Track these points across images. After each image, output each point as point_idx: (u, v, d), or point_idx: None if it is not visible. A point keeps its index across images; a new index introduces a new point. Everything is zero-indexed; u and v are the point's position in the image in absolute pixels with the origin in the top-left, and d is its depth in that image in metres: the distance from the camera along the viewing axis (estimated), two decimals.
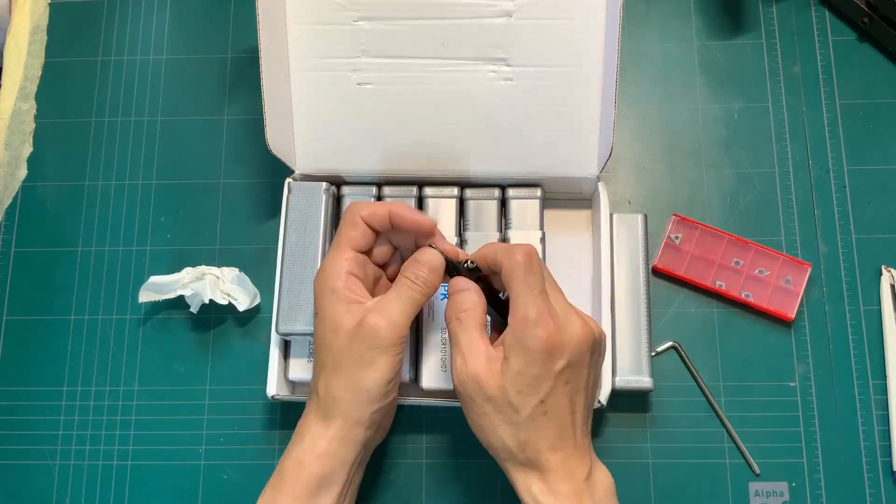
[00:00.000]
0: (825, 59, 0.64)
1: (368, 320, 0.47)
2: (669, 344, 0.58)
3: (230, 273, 0.59)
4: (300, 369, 0.56)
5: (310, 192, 0.56)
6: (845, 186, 0.61)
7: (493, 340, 0.48)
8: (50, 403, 0.60)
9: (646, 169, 0.62)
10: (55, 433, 0.59)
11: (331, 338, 0.47)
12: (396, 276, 0.49)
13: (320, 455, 0.47)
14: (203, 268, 0.59)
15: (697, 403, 0.57)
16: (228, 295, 0.58)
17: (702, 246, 0.59)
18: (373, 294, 0.50)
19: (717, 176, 0.62)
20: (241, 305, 0.58)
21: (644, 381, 0.55)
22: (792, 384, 0.58)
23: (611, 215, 0.58)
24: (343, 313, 0.47)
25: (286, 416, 0.59)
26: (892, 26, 0.61)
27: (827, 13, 0.65)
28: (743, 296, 0.58)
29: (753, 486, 0.56)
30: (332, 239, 0.55)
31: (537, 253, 0.47)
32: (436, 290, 0.49)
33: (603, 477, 0.47)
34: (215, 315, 0.61)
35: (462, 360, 0.46)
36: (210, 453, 0.58)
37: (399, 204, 0.50)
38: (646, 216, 0.59)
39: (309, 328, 0.53)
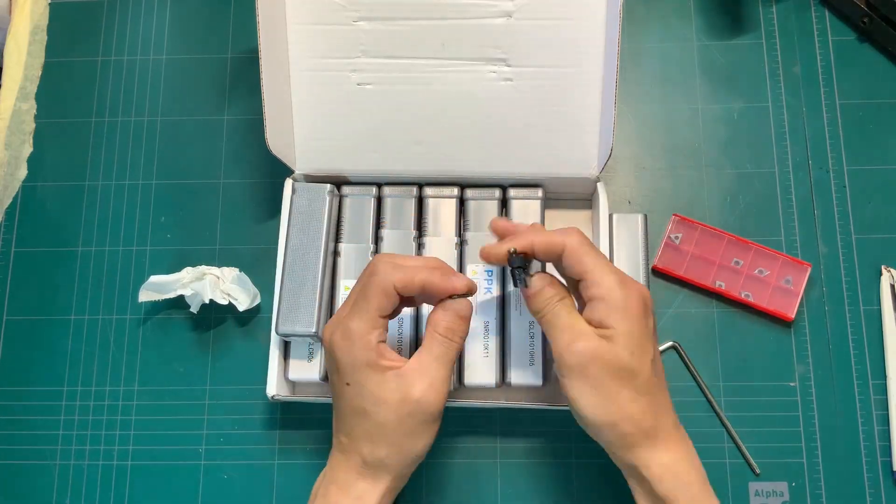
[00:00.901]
0: (825, 59, 0.64)
1: (416, 395, 0.46)
2: (669, 344, 0.58)
3: (230, 273, 0.59)
4: (300, 369, 0.56)
5: (313, 194, 0.56)
6: (845, 186, 0.61)
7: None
8: (50, 403, 0.60)
9: (646, 169, 0.62)
10: (55, 433, 0.59)
11: (373, 411, 0.46)
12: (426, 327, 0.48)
13: None
14: (203, 268, 0.59)
15: (697, 403, 0.57)
16: (228, 295, 0.58)
17: (702, 246, 0.59)
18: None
19: (717, 176, 0.62)
20: (241, 305, 0.58)
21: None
22: (792, 384, 0.58)
23: (610, 215, 0.58)
24: (385, 388, 0.46)
25: (286, 415, 0.59)
26: (892, 26, 0.61)
27: (827, 13, 0.65)
28: (743, 296, 0.58)
29: (753, 486, 0.56)
30: (331, 239, 0.55)
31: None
32: (461, 346, 0.49)
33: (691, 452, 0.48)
34: (215, 315, 0.61)
35: (571, 335, 0.46)
36: (210, 453, 0.58)
37: (433, 271, 0.48)
38: (646, 216, 0.59)
39: (309, 330, 0.53)
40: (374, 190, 0.58)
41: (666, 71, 0.64)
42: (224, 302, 0.58)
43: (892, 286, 0.58)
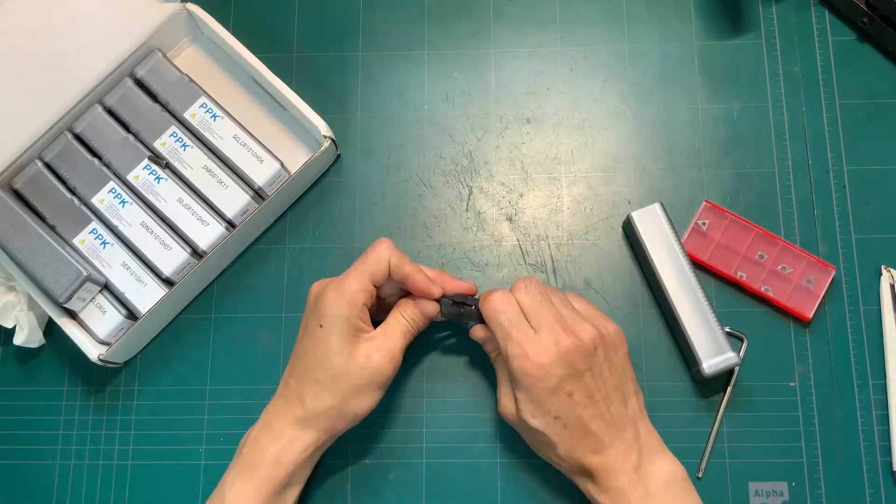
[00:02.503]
0: (825, 59, 0.64)
1: (375, 357, 0.51)
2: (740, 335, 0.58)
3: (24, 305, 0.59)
4: None
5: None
6: (845, 186, 0.61)
7: None
8: (50, 403, 0.60)
9: (646, 169, 0.62)
10: (55, 433, 0.59)
11: (333, 358, 0.50)
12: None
13: (297, 458, 0.51)
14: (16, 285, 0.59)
15: (696, 403, 0.57)
16: (17, 322, 0.59)
17: (729, 235, 0.59)
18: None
19: (717, 176, 0.62)
20: (17, 339, 0.58)
21: (730, 358, 0.55)
22: (792, 384, 0.58)
23: (628, 216, 0.58)
24: (350, 340, 0.51)
25: None
26: (892, 26, 0.61)
27: (827, 13, 0.65)
28: (763, 289, 0.58)
29: (753, 486, 0.56)
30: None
31: (517, 289, 0.52)
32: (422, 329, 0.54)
33: (663, 465, 0.50)
34: (215, 315, 0.61)
35: (501, 398, 0.53)
36: (210, 453, 0.58)
37: (420, 270, 0.53)
38: (661, 203, 0.58)
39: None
40: None
41: (666, 71, 0.64)
42: (9, 325, 0.59)
43: (892, 286, 0.58)
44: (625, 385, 0.51)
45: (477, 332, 0.55)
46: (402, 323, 0.53)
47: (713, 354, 0.55)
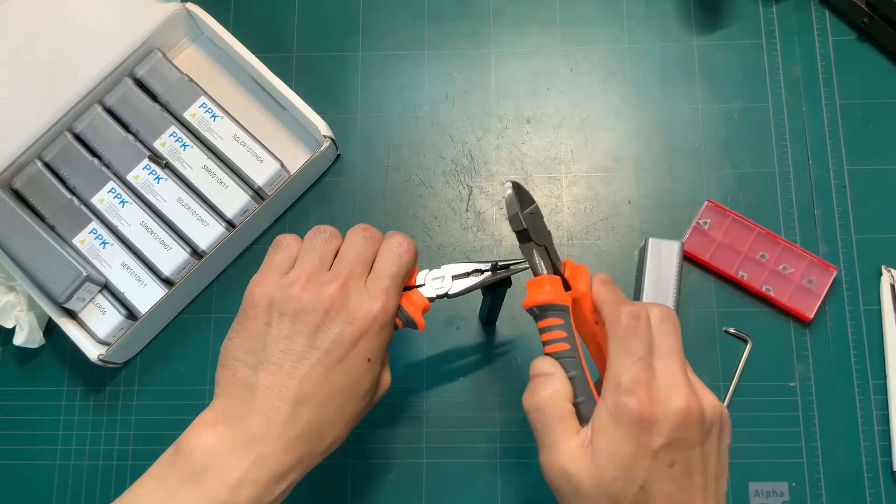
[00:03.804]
0: (825, 59, 0.64)
1: (387, 378, 0.47)
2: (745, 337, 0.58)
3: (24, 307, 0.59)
4: None
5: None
6: (845, 186, 0.61)
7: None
8: (50, 403, 0.60)
9: (646, 169, 0.62)
10: (55, 433, 0.59)
11: (367, 388, 0.44)
12: None
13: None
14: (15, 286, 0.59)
15: None
16: (17, 322, 0.59)
17: (731, 235, 0.59)
18: None
19: (717, 176, 0.62)
20: (18, 339, 0.58)
21: None
22: (792, 384, 0.58)
23: (646, 240, 0.58)
24: (373, 378, 0.45)
25: None
26: (892, 26, 0.61)
27: (827, 13, 0.65)
28: (764, 289, 0.58)
29: (753, 486, 0.56)
30: None
31: (655, 316, 0.41)
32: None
33: None
34: (215, 315, 0.61)
35: (547, 455, 0.41)
36: None
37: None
38: (682, 244, 0.58)
39: None
40: None
41: (666, 71, 0.64)
42: (9, 325, 0.59)
43: (892, 286, 0.58)
44: (723, 481, 0.41)
45: (543, 363, 0.43)
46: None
47: None
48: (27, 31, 0.61)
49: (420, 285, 0.49)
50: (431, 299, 0.48)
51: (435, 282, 0.49)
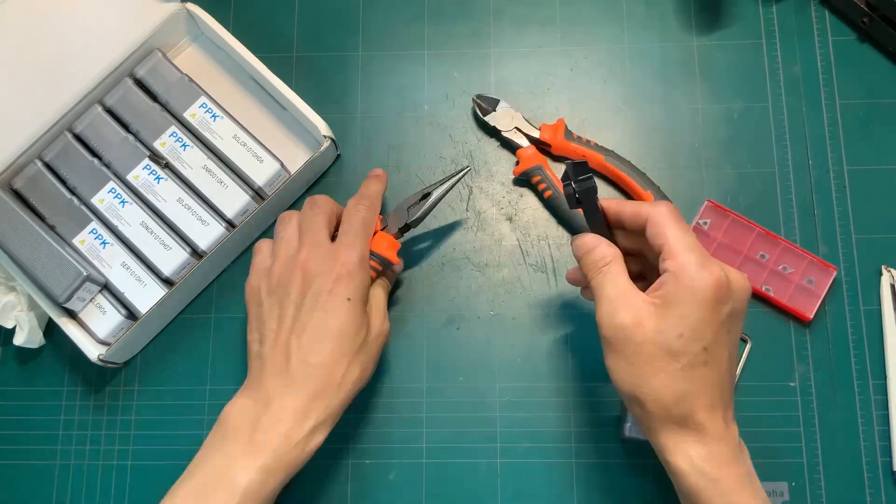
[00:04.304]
0: (825, 59, 0.64)
1: (387, 325, 0.54)
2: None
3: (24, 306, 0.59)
4: None
5: None
6: (845, 186, 0.61)
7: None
8: (50, 403, 0.60)
9: (646, 169, 0.62)
10: (55, 433, 0.59)
11: (360, 331, 0.51)
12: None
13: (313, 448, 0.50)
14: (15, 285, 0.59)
15: None
16: (17, 322, 0.59)
17: (730, 235, 0.59)
18: None
19: (717, 176, 0.62)
20: (18, 339, 0.58)
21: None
22: (792, 384, 0.58)
23: None
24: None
25: None
26: (892, 26, 0.61)
27: (827, 13, 0.65)
28: (764, 289, 0.58)
29: None
30: None
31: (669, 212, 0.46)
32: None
33: (742, 442, 0.46)
34: (215, 315, 0.61)
35: (611, 307, 0.45)
36: None
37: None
38: None
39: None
40: None
41: (666, 71, 0.64)
42: (9, 325, 0.59)
43: (892, 286, 0.58)
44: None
45: (587, 237, 0.48)
46: (379, 280, 0.55)
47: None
48: (27, 31, 0.61)
49: (384, 228, 0.56)
50: (396, 235, 0.56)
51: (395, 217, 0.56)
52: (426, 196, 0.57)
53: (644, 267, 0.50)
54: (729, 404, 0.45)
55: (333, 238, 0.53)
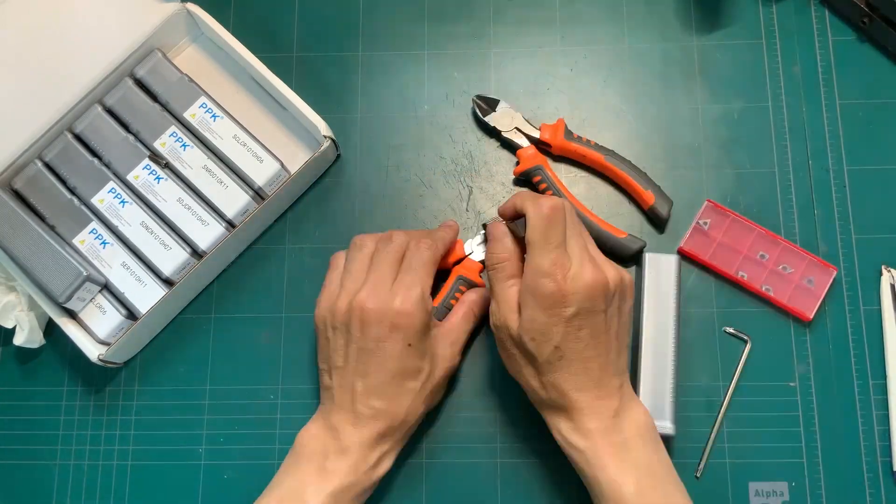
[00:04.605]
0: (825, 59, 0.64)
1: (448, 351, 0.56)
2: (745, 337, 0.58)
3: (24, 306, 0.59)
4: None
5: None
6: (845, 186, 0.61)
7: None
8: (50, 403, 0.60)
9: (646, 169, 0.62)
10: (55, 433, 0.59)
11: (417, 367, 0.53)
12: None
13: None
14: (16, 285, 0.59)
15: (696, 404, 0.57)
16: (18, 322, 0.59)
17: (731, 235, 0.59)
18: None
19: (717, 176, 0.62)
20: (18, 339, 0.58)
21: (666, 426, 0.54)
22: (792, 384, 0.58)
23: (643, 254, 0.58)
24: (427, 344, 0.54)
25: (285, 416, 0.59)
26: (892, 26, 0.61)
27: (827, 13, 0.65)
28: (763, 289, 0.58)
29: (753, 486, 0.56)
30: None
31: (565, 207, 0.50)
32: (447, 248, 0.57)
33: (637, 415, 0.49)
34: (215, 315, 0.61)
35: (496, 307, 0.51)
36: (210, 453, 0.58)
37: (446, 230, 0.58)
38: (679, 259, 0.58)
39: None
40: None
41: (666, 71, 0.64)
42: (9, 325, 0.59)
43: (892, 286, 0.58)
44: (625, 337, 0.51)
45: (496, 229, 0.53)
46: (462, 305, 0.57)
47: (654, 417, 0.53)
48: (27, 31, 0.61)
49: (470, 253, 0.59)
50: (483, 262, 0.58)
51: (480, 247, 0.59)
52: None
53: None
54: (602, 384, 0.49)
55: None
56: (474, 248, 0.59)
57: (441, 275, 0.58)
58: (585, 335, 0.48)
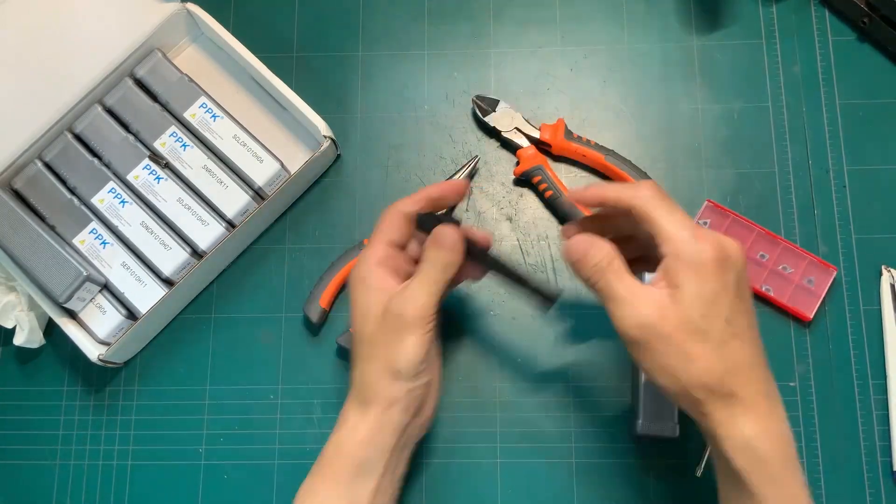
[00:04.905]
0: (825, 59, 0.64)
1: (393, 303, 0.47)
2: None
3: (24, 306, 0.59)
4: None
5: None
6: (845, 186, 0.61)
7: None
8: (50, 403, 0.60)
9: (646, 169, 0.62)
10: (55, 433, 0.59)
11: (361, 325, 0.48)
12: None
13: (360, 441, 0.47)
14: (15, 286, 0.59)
15: None
16: (18, 322, 0.59)
17: (730, 235, 0.59)
18: None
19: (717, 176, 0.62)
20: (18, 339, 0.58)
21: (668, 427, 0.54)
22: (792, 384, 0.58)
23: None
24: (371, 301, 0.48)
25: (285, 416, 0.59)
26: (892, 26, 0.61)
27: (827, 13, 0.65)
28: (763, 289, 0.58)
29: None
30: None
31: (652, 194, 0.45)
32: (457, 266, 0.49)
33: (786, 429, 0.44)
34: (215, 315, 0.61)
35: (628, 307, 0.44)
36: (210, 453, 0.58)
37: (432, 185, 0.51)
38: None
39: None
40: None
41: (666, 71, 0.64)
42: (9, 325, 0.59)
43: (892, 286, 0.58)
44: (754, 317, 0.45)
45: (581, 237, 0.47)
46: (421, 264, 0.49)
47: (655, 418, 0.53)
48: (27, 31, 0.61)
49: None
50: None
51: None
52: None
53: (637, 249, 0.49)
54: (770, 379, 0.44)
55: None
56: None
57: None
58: (745, 307, 0.44)
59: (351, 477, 0.47)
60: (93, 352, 0.56)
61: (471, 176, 0.62)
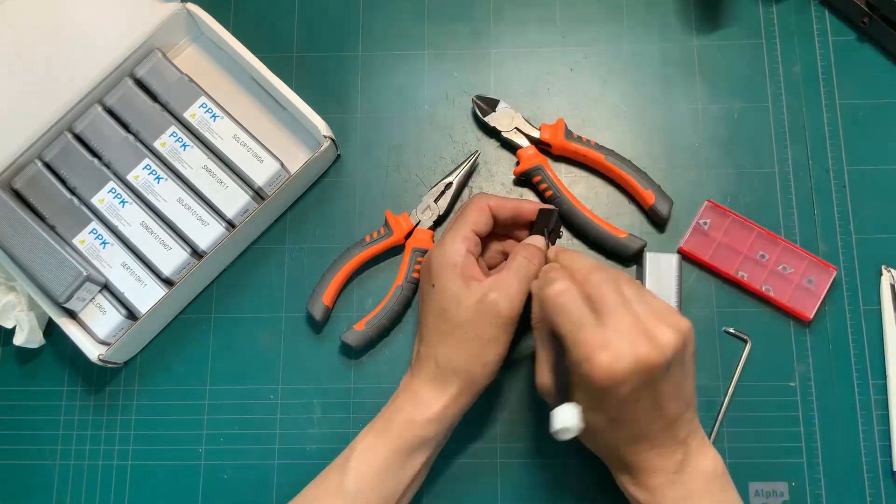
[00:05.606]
0: (825, 59, 0.64)
1: (490, 297, 0.49)
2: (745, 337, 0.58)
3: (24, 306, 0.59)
4: None
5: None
6: (845, 186, 0.61)
7: None
8: (50, 403, 0.60)
9: (646, 169, 0.62)
10: (55, 433, 0.59)
11: (453, 310, 0.50)
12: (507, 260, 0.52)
13: (431, 419, 0.50)
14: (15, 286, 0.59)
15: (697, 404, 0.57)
16: (17, 322, 0.59)
17: (730, 235, 0.59)
18: None
19: (717, 176, 0.62)
20: (18, 339, 0.58)
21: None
22: (792, 384, 0.58)
23: (643, 252, 0.58)
24: (464, 288, 0.50)
25: (285, 416, 0.59)
26: (892, 26, 0.61)
27: (827, 13, 0.65)
28: (763, 289, 0.58)
29: (753, 486, 0.56)
30: None
31: (595, 277, 0.46)
32: (538, 273, 0.51)
33: (703, 464, 0.47)
34: (215, 315, 0.61)
35: (539, 373, 0.49)
36: (210, 453, 0.58)
37: (523, 201, 0.55)
38: (681, 257, 0.58)
39: None
40: None
41: (666, 71, 0.64)
42: (9, 325, 0.59)
43: (892, 286, 0.58)
44: (691, 384, 0.48)
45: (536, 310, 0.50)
46: (518, 262, 0.51)
47: None
48: (27, 31, 0.61)
49: (417, 223, 0.60)
50: (432, 227, 0.60)
51: (425, 214, 0.60)
52: (448, 186, 0.61)
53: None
54: (661, 443, 0.47)
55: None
56: (420, 217, 0.60)
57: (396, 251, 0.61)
58: (646, 405, 0.45)
59: (413, 449, 0.50)
60: (93, 352, 0.56)
61: (471, 172, 0.62)
